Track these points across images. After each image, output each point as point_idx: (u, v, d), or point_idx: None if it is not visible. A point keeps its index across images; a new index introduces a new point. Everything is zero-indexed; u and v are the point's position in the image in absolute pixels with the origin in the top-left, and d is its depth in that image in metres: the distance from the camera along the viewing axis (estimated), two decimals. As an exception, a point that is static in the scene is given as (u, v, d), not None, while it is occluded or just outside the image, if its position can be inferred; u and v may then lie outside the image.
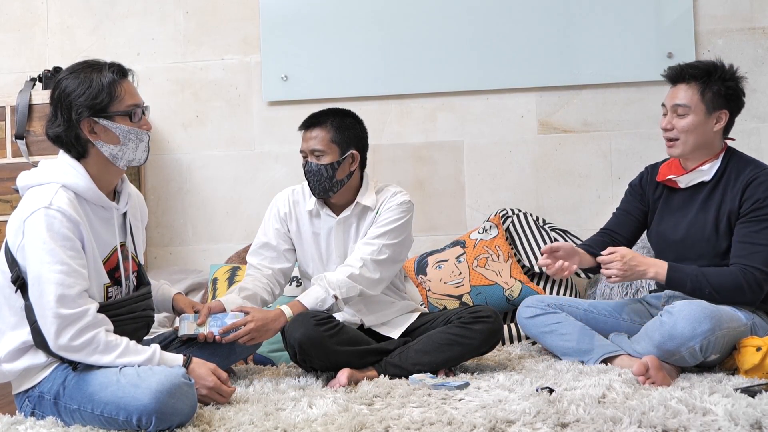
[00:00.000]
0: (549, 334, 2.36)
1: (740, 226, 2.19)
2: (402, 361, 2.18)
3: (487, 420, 1.65)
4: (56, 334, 1.70)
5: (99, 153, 1.84)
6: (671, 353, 2.05)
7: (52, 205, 1.73)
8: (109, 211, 1.88)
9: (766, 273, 2.14)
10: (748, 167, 2.24)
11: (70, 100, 1.81)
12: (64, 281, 1.70)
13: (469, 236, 3.04)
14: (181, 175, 3.39)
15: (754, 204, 2.17)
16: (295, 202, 2.44)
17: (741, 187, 2.20)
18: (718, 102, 2.22)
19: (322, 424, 1.67)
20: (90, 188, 1.82)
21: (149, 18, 3.40)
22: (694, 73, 2.23)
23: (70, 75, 1.84)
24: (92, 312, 1.73)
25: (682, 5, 3.17)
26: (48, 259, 1.70)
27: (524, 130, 3.27)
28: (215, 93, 3.39)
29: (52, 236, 1.71)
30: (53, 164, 1.84)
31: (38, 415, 1.80)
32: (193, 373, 1.83)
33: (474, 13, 3.24)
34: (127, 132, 1.85)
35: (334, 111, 2.38)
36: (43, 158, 2.90)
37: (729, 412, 1.63)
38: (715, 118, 2.23)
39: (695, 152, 2.26)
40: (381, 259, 2.28)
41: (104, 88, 1.82)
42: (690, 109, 2.22)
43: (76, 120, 1.80)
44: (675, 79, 2.28)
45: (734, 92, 2.23)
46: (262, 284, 2.36)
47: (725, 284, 2.13)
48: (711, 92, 2.21)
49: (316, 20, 3.30)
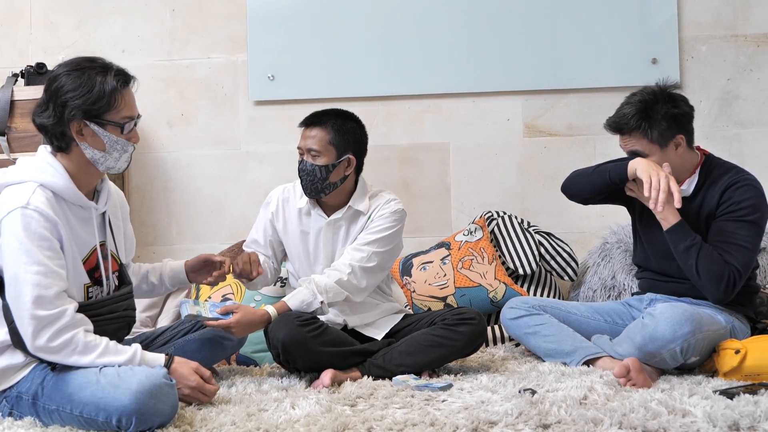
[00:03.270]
0: (532, 336, 2.37)
1: (715, 224, 2.21)
2: (386, 363, 2.18)
3: (469, 421, 1.65)
4: (33, 335, 1.68)
5: (81, 153, 1.82)
6: (652, 355, 2.07)
7: (30, 205, 1.71)
8: (87, 211, 1.86)
9: (741, 273, 2.16)
10: (729, 173, 2.26)
11: (67, 98, 1.77)
12: (41, 282, 1.68)
13: (454, 238, 3.04)
14: (166, 173, 3.37)
15: (731, 206, 2.20)
16: (285, 200, 2.44)
17: (720, 192, 2.23)
18: (667, 134, 2.21)
19: (305, 425, 1.67)
20: (68, 187, 1.79)
21: (135, 15, 3.38)
22: (631, 126, 2.22)
23: (73, 72, 1.79)
24: (70, 312, 1.71)
25: (667, 12, 3.20)
26: (24, 260, 1.68)
27: (510, 133, 3.28)
28: (201, 91, 3.37)
29: (29, 236, 1.69)
30: (31, 162, 1.81)
31: (16, 416, 1.77)
32: (175, 372, 1.81)
33: (461, 17, 3.24)
34: (115, 142, 1.83)
35: (337, 112, 2.37)
36: (24, 155, 2.87)
37: (708, 414, 1.65)
38: (673, 145, 2.24)
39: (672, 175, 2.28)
40: (369, 267, 2.28)
41: (104, 96, 1.78)
42: (645, 153, 2.23)
43: (67, 118, 1.77)
44: (617, 132, 2.29)
45: (676, 116, 2.22)
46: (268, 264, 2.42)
47: (710, 269, 2.13)
48: (655, 132, 2.21)
49: (304, 20, 3.29)
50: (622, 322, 2.37)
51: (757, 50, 3.21)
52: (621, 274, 2.82)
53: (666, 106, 2.22)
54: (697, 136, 2.31)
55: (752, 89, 3.20)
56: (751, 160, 3.18)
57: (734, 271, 2.14)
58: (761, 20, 3.21)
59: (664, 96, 2.24)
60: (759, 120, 3.20)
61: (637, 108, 2.23)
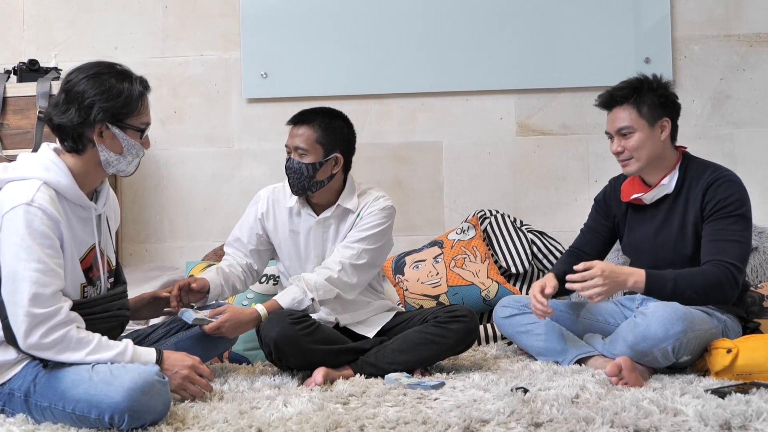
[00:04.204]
0: (524, 334, 2.37)
1: (707, 226, 2.23)
2: (378, 361, 2.18)
3: (461, 419, 1.65)
4: (26, 332, 1.68)
5: (95, 155, 1.84)
6: (644, 354, 2.07)
7: (34, 202, 1.71)
8: (87, 211, 1.87)
9: (739, 267, 2.17)
10: (707, 171, 2.28)
11: (94, 100, 1.79)
12: (40, 279, 1.68)
13: (446, 236, 3.05)
14: (158, 171, 3.36)
15: (716, 204, 2.22)
16: (275, 200, 2.43)
17: (701, 191, 2.25)
18: (656, 112, 2.27)
19: (297, 423, 1.67)
20: (71, 187, 1.80)
21: (128, 12, 3.37)
22: (624, 94, 2.28)
23: (97, 77, 1.81)
24: (65, 310, 1.71)
25: (660, 11, 3.21)
26: (25, 257, 1.68)
27: (503, 132, 3.29)
28: (194, 89, 3.36)
29: (31, 233, 1.69)
30: (34, 159, 1.81)
31: (8, 413, 1.77)
32: (169, 360, 1.82)
33: (454, 15, 3.25)
34: (132, 146, 1.87)
35: (325, 111, 2.37)
36: (17, 152, 2.86)
37: (699, 413, 1.65)
38: (659, 127, 2.29)
39: (651, 166, 2.30)
40: (360, 264, 2.28)
41: (132, 101, 1.83)
42: (633, 128, 2.27)
43: (93, 120, 1.79)
44: (608, 105, 2.33)
45: (667, 98, 2.30)
46: (237, 272, 2.40)
47: (703, 283, 2.14)
48: (646, 106, 2.27)
49: (297, 18, 3.28)
50: (614, 321, 2.37)
51: (749, 50, 3.22)
52: (613, 274, 2.83)
53: (660, 89, 2.29)
54: (689, 136, 2.33)
55: (745, 89, 3.22)
56: (743, 160, 3.20)
57: (729, 267, 2.15)
58: (754, 20, 3.23)
59: (657, 81, 2.31)
60: (752, 120, 3.22)
61: (630, 83, 2.30)
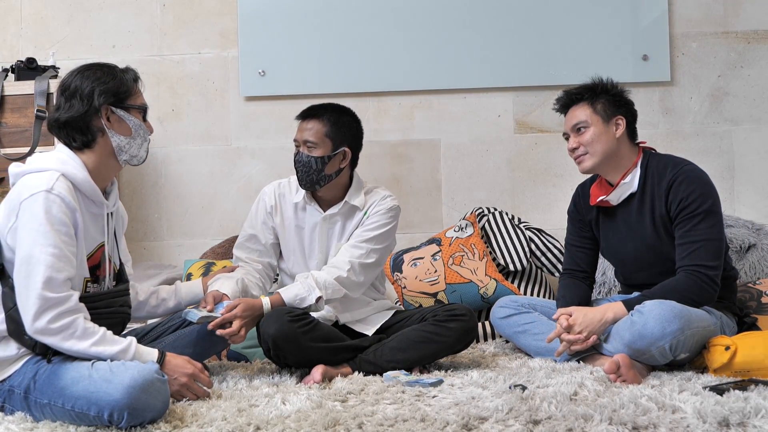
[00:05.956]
0: (522, 334, 2.38)
1: (676, 229, 2.24)
2: (376, 358, 2.18)
3: (460, 417, 1.66)
4: (35, 315, 1.69)
5: (106, 144, 1.89)
6: (641, 352, 2.08)
7: (54, 190, 1.76)
8: (99, 207, 1.91)
9: (713, 266, 2.17)
10: (668, 168, 2.28)
11: (93, 86, 1.87)
12: (54, 264, 1.71)
13: (444, 234, 3.05)
14: (156, 169, 3.36)
15: (679, 204, 2.22)
16: (281, 194, 2.44)
17: (665, 191, 2.26)
18: (610, 110, 2.32)
19: (296, 421, 1.67)
20: (86, 180, 1.84)
21: (125, 10, 3.36)
22: (579, 93, 2.36)
23: (89, 70, 1.90)
24: (74, 298, 1.74)
25: (658, 8, 3.22)
26: (42, 241, 1.72)
27: (501, 130, 3.29)
28: (192, 87, 3.36)
29: (50, 219, 1.73)
30: (51, 154, 1.87)
31: (8, 410, 1.77)
32: (170, 364, 1.83)
33: (452, 13, 3.25)
34: (139, 126, 1.94)
35: (333, 106, 2.39)
36: (15, 150, 2.87)
37: (697, 410, 1.65)
38: (613, 125, 2.32)
39: (608, 164, 2.31)
40: (368, 263, 2.30)
41: (126, 82, 1.93)
42: (587, 122, 2.31)
43: (98, 104, 1.86)
44: (566, 105, 2.39)
45: (620, 99, 2.35)
46: (255, 279, 2.34)
47: (681, 297, 2.13)
48: (600, 104, 2.32)
49: (295, 16, 3.28)
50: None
51: (747, 47, 3.23)
52: (611, 271, 2.83)
53: (614, 90, 2.35)
54: (687, 133, 2.32)
55: (743, 86, 3.22)
56: (741, 157, 3.21)
57: (702, 270, 2.16)
58: (752, 17, 3.23)
59: (612, 84, 2.36)
60: (749, 116, 3.22)
61: (585, 85, 2.38)
